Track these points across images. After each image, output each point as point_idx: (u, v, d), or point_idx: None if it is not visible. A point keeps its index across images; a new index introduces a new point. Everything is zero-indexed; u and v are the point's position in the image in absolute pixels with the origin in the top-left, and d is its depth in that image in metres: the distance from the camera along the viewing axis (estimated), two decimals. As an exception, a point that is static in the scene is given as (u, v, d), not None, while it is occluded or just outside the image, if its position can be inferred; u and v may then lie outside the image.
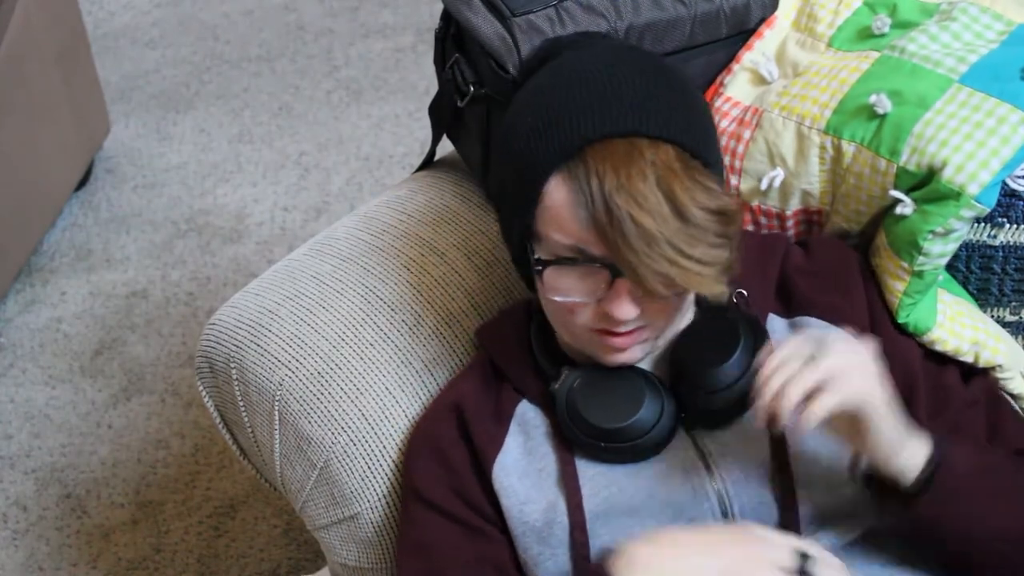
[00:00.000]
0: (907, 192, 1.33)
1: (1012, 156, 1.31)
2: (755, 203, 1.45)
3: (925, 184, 1.32)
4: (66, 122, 2.73)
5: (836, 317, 1.29)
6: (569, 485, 1.23)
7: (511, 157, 1.19)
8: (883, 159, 1.35)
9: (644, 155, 1.11)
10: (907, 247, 1.32)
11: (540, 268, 1.17)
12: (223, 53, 3.29)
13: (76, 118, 2.76)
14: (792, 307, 1.32)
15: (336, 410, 1.44)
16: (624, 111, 1.13)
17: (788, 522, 1.21)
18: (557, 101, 1.16)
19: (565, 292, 1.18)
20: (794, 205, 1.43)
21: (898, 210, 1.32)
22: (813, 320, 1.29)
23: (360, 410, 1.43)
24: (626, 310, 1.16)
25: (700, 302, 1.27)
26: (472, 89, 1.46)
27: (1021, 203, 1.36)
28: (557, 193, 1.14)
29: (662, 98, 1.15)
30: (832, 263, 1.34)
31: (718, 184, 1.15)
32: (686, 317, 1.27)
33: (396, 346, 1.46)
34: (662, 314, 1.20)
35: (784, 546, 1.11)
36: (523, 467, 1.25)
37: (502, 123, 1.25)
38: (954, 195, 1.30)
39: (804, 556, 1.10)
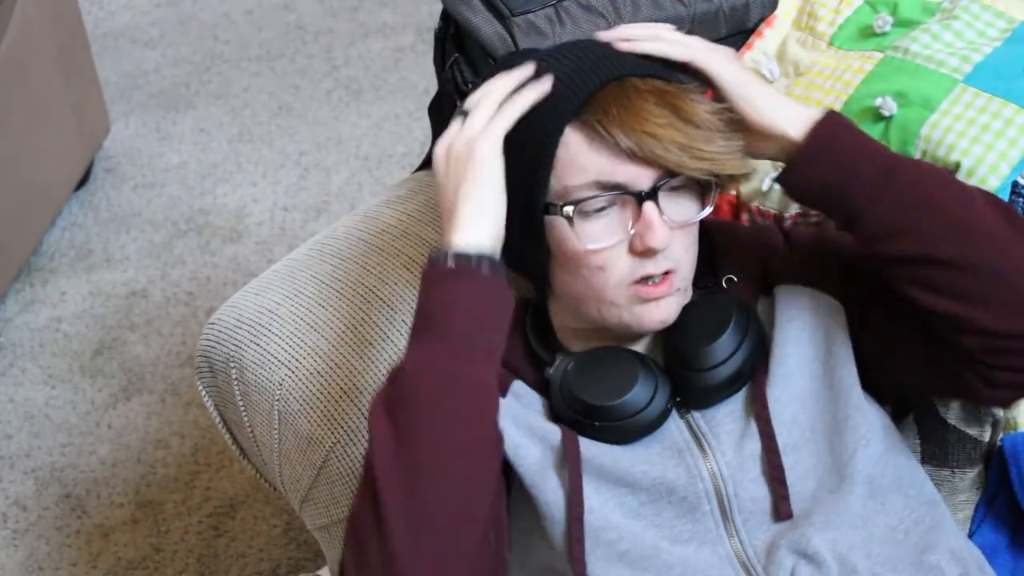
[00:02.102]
0: None
1: (1020, 158, 1.31)
2: (754, 204, 1.45)
3: None
4: (66, 122, 2.73)
5: (811, 284, 1.31)
6: (570, 451, 1.24)
7: (520, 137, 1.20)
8: None
9: (639, 87, 1.20)
10: None
11: (571, 217, 1.20)
12: (223, 53, 3.29)
13: (76, 118, 2.76)
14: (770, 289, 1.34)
15: (336, 410, 1.44)
16: (613, 61, 1.21)
17: (780, 502, 1.22)
18: (551, 76, 1.21)
19: (598, 238, 1.21)
20: (793, 208, 1.43)
21: None
22: (786, 288, 1.31)
23: (360, 410, 1.43)
24: (660, 235, 1.19)
25: (696, 284, 1.28)
26: (472, 88, 1.46)
27: (1022, 200, 1.36)
28: (572, 140, 1.20)
29: (631, 52, 1.24)
30: (808, 248, 1.35)
31: (703, 96, 1.24)
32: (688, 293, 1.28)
33: (396, 346, 1.46)
34: (686, 251, 1.24)
35: None
36: (516, 415, 1.26)
37: None
38: None
39: None
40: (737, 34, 1.50)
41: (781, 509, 1.22)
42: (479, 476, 1.15)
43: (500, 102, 1.21)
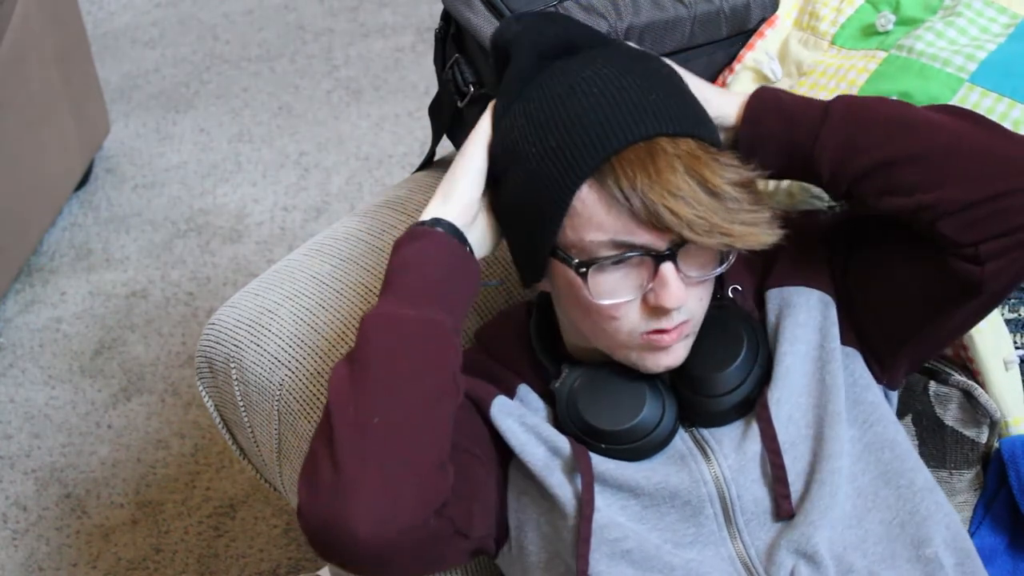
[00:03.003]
0: None
1: None
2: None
3: None
4: (66, 122, 2.73)
5: (799, 282, 1.31)
6: (582, 460, 1.24)
7: (532, 176, 1.19)
8: None
9: (667, 150, 1.15)
10: None
11: (584, 271, 1.18)
12: (223, 53, 3.29)
13: (76, 118, 2.76)
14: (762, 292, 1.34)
15: (336, 410, 1.44)
16: (645, 116, 1.16)
17: (781, 501, 1.23)
18: (575, 118, 1.17)
19: (611, 293, 1.19)
20: (800, 207, 1.43)
21: None
22: (777, 290, 1.31)
23: (360, 410, 1.43)
24: (676, 295, 1.17)
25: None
26: (472, 89, 1.46)
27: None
28: (589, 198, 1.16)
29: (673, 97, 1.19)
30: (794, 242, 1.35)
31: (736, 161, 1.20)
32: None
33: (396, 346, 1.46)
34: (700, 301, 1.22)
35: None
36: (522, 415, 1.27)
37: (506, 144, 1.24)
38: None
39: None
40: (738, 35, 1.50)
41: (782, 508, 1.22)
42: (428, 403, 1.16)
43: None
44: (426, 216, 1.23)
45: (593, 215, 1.16)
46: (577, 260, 1.18)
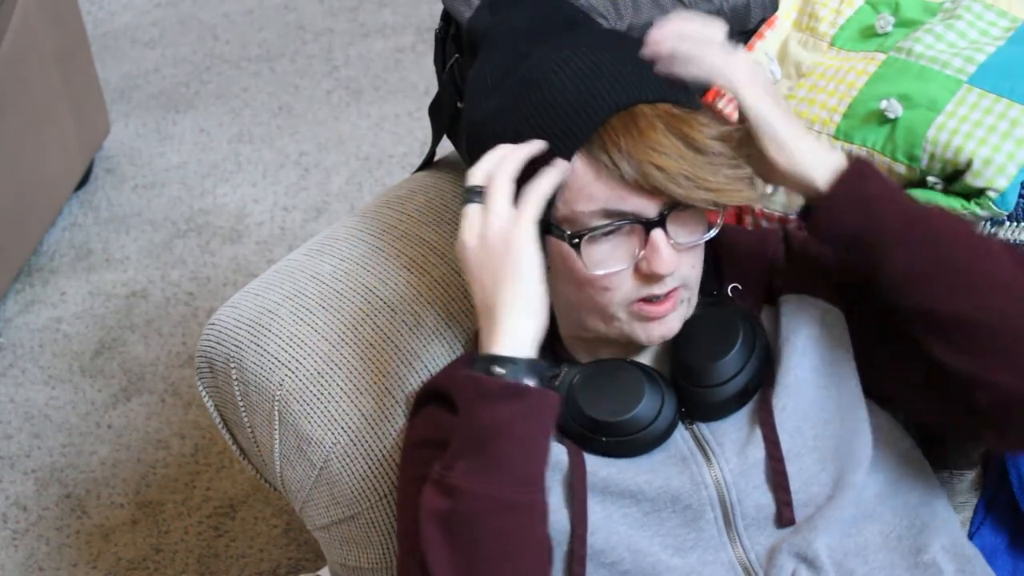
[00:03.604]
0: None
1: None
2: (757, 207, 1.45)
3: (951, 182, 1.34)
4: (66, 122, 2.73)
5: (809, 293, 1.31)
6: (576, 471, 1.23)
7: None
8: (902, 164, 1.35)
9: (646, 114, 1.17)
10: None
11: (577, 242, 1.19)
12: (223, 53, 3.29)
13: (76, 118, 2.76)
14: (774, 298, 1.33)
15: (336, 410, 1.44)
16: (624, 86, 1.18)
17: (783, 508, 1.23)
18: (558, 96, 1.19)
19: (604, 263, 1.20)
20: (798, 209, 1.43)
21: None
22: (790, 298, 1.31)
23: (360, 410, 1.43)
24: (668, 261, 1.19)
25: (701, 291, 1.28)
26: (472, 89, 1.46)
27: (1022, 200, 1.36)
28: (580, 169, 1.18)
29: (645, 67, 1.21)
30: (806, 253, 1.35)
31: (714, 119, 1.22)
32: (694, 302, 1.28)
33: (396, 346, 1.46)
34: (693, 268, 1.23)
35: None
36: None
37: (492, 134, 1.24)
38: (976, 193, 1.32)
39: None
40: (738, 35, 1.50)
41: (784, 515, 1.22)
42: None
43: (512, 177, 1.18)
44: (511, 350, 1.16)
45: (584, 185, 1.18)
46: (570, 232, 1.19)
